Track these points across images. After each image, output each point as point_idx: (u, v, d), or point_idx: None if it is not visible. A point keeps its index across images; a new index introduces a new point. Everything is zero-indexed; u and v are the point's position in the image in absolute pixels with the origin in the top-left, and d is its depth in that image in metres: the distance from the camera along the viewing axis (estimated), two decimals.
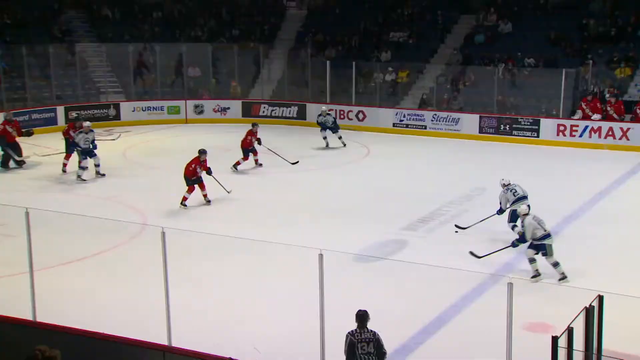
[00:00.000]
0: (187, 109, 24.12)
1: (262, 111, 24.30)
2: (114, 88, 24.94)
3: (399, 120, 22.63)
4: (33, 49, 23.27)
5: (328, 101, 23.71)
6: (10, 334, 7.57)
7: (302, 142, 21.06)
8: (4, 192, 14.89)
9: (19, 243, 8.09)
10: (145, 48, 25.39)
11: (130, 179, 16.40)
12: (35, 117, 21.78)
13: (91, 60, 25.36)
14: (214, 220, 13.13)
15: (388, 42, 25.55)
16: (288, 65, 25.76)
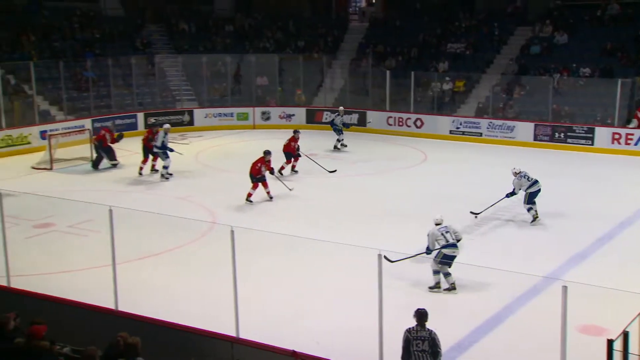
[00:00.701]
0: (254, 115, 24.43)
1: (324, 118, 24.38)
2: (189, 96, 25.49)
3: (455, 128, 22.33)
4: (118, 60, 24.04)
5: (388, 109, 23.62)
6: (94, 321, 7.83)
7: (362, 147, 21.03)
8: (92, 191, 15.40)
9: (103, 238, 8.34)
10: (242, 59, 25.78)
11: (202, 180, 16.70)
12: (118, 123, 22.42)
13: (168, 70, 25.99)
14: (278, 219, 13.24)
15: (446, 53, 25.26)
16: (350, 74, 25.78)
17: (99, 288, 8.93)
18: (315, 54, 26.79)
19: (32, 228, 12.44)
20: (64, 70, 21.87)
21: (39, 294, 8.35)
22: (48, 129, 19.87)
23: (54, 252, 11.38)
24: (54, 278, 10.08)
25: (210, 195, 15.02)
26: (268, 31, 28.40)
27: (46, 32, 24.59)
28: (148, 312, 7.93)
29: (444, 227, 10.04)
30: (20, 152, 19.36)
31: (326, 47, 27.49)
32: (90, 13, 26.82)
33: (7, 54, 22.66)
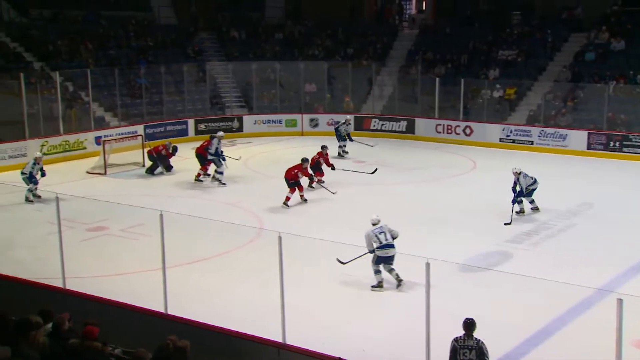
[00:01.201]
0: (303, 122, 24.57)
1: (372, 125, 24.33)
2: (238, 103, 25.82)
3: (505, 136, 21.97)
4: (170, 68, 24.54)
5: (436, 116, 23.42)
6: (145, 323, 7.98)
7: (411, 154, 20.91)
8: (144, 195, 15.75)
9: (154, 242, 8.50)
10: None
11: (250, 186, 16.86)
12: (169, 129, 22.93)
13: (219, 77, 26.38)
14: (325, 226, 13.25)
15: (496, 60, 24.90)
16: (398, 81, 25.66)
17: (149, 291, 9.10)
18: (364, 61, 26.79)
19: (86, 231, 12.78)
20: (118, 78, 22.46)
21: (92, 295, 8.56)
22: (102, 134, 20.42)
23: (106, 255, 11.66)
24: (106, 280, 10.32)
25: (258, 201, 15.15)
26: (317, 38, 28.55)
27: (103, 40, 25.32)
28: (196, 316, 8.04)
29: (379, 228, 10.10)
30: (76, 157, 19.92)
31: (375, 54, 27.46)
32: (144, 22, 27.49)
33: (66, 62, 23.40)
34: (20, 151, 18.69)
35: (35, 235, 12.41)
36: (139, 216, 12.42)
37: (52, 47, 23.68)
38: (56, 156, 19.55)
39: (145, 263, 10.60)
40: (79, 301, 8.45)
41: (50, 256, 10.08)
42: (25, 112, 19.37)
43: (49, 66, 22.67)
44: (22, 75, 19.46)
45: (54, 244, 9.01)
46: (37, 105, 20.29)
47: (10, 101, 19.76)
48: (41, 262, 10.82)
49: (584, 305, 9.26)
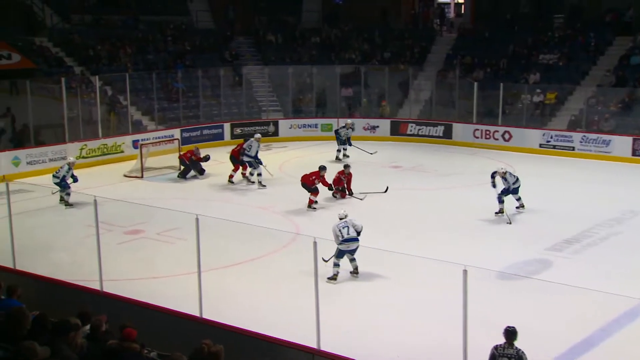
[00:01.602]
0: (339, 126, 24.50)
1: (409, 130, 24.21)
2: (274, 107, 25.95)
3: (545, 141, 21.61)
4: (206, 72, 24.83)
5: (474, 121, 23.19)
6: (180, 327, 8.06)
7: (448, 159, 20.73)
8: (180, 199, 15.93)
9: (189, 246, 8.58)
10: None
11: (285, 190, 16.89)
12: (205, 133, 23.18)
13: (255, 81, 26.57)
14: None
15: (537, 64, 24.53)
16: (436, 86, 25.49)
17: (184, 295, 9.20)
18: (401, 65, 26.68)
19: (123, 234, 12.99)
20: (156, 82, 22.79)
21: (128, 298, 8.68)
22: (140, 138, 20.74)
23: (142, 258, 11.82)
24: (142, 283, 10.46)
25: (293, 206, 15.19)
26: (354, 42, 28.54)
27: (141, 45, 25.76)
28: (231, 320, 8.08)
29: (343, 223, 10.73)
30: (113, 160, 20.27)
31: (412, 58, 27.33)
32: (182, 26, 27.86)
33: (106, 66, 23.88)
34: (60, 154, 19.08)
35: (74, 237, 12.65)
36: (175, 220, 12.56)
37: (92, 52, 24.18)
38: (94, 159, 19.93)
39: (181, 267, 10.72)
40: (116, 304, 8.57)
41: (87, 259, 10.25)
42: (65, 116, 19.83)
43: (89, 71, 23.17)
44: (63, 79, 19.91)
45: (92, 247, 9.16)
46: (77, 109, 20.75)
47: (51, 105, 20.26)
48: (79, 264, 11.03)
49: (629, 317, 9.03)
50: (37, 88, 20.35)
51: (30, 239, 11.91)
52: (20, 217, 12.56)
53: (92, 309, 7.01)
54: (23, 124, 19.60)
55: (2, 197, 12.35)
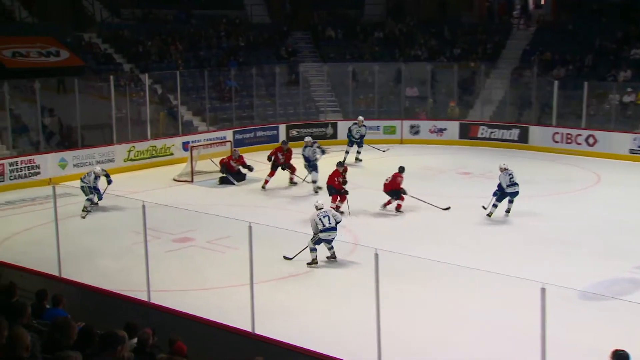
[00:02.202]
0: (402, 129, 24.45)
1: (480, 133, 23.88)
2: (333, 107, 26.04)
3: (637, 147, 20.94)
4: (261, 69, 25.15)
5: (554, 124, 22.69)
6: (230, 342, 8.16)
7: (523, 166, 20.29)
8: (231, 205, 16.14)
9: (241, 255, 8.70)
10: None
11: None
12: (259, 135, 23.43)
13: (313, 80, 26.73)
14: (424, 243, 13.10)
15: (628, 60, 23.78)
16: (511, 85, 25.07)
17: (235, 308, 9.31)
18: (472, 62, 26.36)
19: (171, 242, 13.25)
20: (208, 80, 23.18)
21: (177, 310, 8.84)
22: (190, 140, 21.16)
23: (191, 268, 12.02)
24: (191, 295, 10.63)
25: (351, 215, 15.20)
26: (421, 37, 28.38)
27: (193, 41, 26.29)
28: (285, 336, 8.12)
29: (322, 212, 11.84)
30: (162, 163, 20.69)
31: (485, 54, 26.97)
32: (236, 21, 28.30)
33: (156, 63, 24.47)
34: (108, 156, 19.63)
35: (121, 245, 12.98)
36: (226, 227, 12.73)
37: (141, 48, 24.82)
38: (143, 162, 20.41)
39: (232, 278, 10.86)
40: (163, 316, 8.75)
41: (135, 267, 10.50)
42: (113, 116, 20.36)
43: (138, 68, 23.77)
44: (112, 77, 20.48)
45: (139, 255, 9.39)
46: (125, 109, 21.30)
47: (99, 104, 20.85)
48: (126, 273, 11.30)
49: None
50: (85, 86, 20.98)
51: (75, 245, 12.26)
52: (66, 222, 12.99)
53: (139, 321, 7.17)
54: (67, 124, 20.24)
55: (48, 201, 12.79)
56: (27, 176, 17.94)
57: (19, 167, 17.88)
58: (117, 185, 17.36)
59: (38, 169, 18.21)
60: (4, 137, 19.06)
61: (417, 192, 16.16)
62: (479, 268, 9.49)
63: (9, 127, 18.67)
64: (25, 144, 19.43)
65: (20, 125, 19.70)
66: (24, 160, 18.06)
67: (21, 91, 20.31)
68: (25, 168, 18.00)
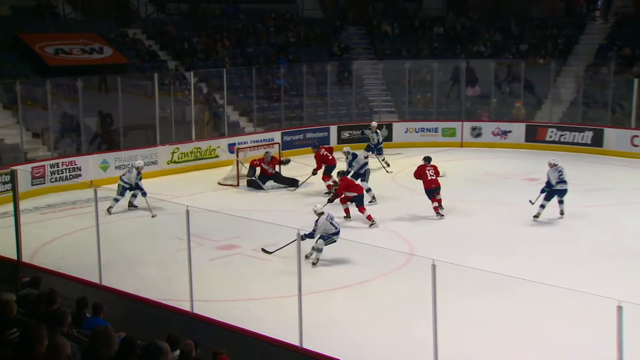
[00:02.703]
0: (463, 131, 24.24)
1: (549, 136, 23.50)
2: (388, 107, 25.99)
3: None
4: (312, 67, 25.28)
5: (633, 126, 22.17)
6: (277, 357, 8.20)
7: (597, 172, 19.92)
8: (278, 211, 16.28)
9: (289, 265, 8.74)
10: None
11: (398, 204, 16.85)
12: (309, 137, 23.52)
13: (367, 78, 26.75)
14: (487, 254, 12.90)
15: None
16: (584, 83, 24.59)
17: (282, 320, 9.37)
18: (541, 59, 25.98)
19: (216, 249, 13.40)
20: (255, 78, 23.39)
21: (221, 322, 8.94)
22: (236, 142, 21.39)
23: (237, 277, 12.14)
24: (236, 306, 10.73)
25: (407, 222, 15.18)
26: (484, 32, 28.10)
27: (241, 37, 26.59)
28: (335, 352, 8.13)
29: (329, 216, 12.60)
30: (207, 166, 20.98)
31: (556, 50, 26.54)
32: (286, 15, 28.51)
33: (202, 60, 24.84)
34: (151, 158, 19.95)
35: (163, 251, 13.19)
36: (274, 234, 12.79)
37: (187, 45, 25.22)
38: (187, 164, 20.73)
39: (279, 288, 10.93)
40: (207, 327, 8.85)
41: (177, 275, 10.66)
42: (157, 116, 20.70)
43: (183, 65, 24.18)
44: (156, 75, 20.84)
45: (182, 262, 9.51)
46: (169, 109, 21.66)
47: (142, 103, 21.26)
48: (168, 281, 11.48)
49: None
50: (128, 85, 21.42)
51: (117, 251, 12.51)
52: (107, 227, 13.27)
53: (182, 332, 7.27)
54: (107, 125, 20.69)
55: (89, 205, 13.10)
56: (68, 178, 18.39)
57: (60, 168, 18.35)
58: (160, 188, 17.69)
59: (79, 171, 18.66)
60: (45, 138, 19.57)
61: (477, 199, 16.01)
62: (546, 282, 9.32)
63: (50, 127, 19.12)
64: (67, 145, 19.89)
65: (63, 126, 20.18)
66: (65, 161, 18.51)
67: (63, 89, 20.84)
68: (67, 170, 18.46)
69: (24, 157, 18.51)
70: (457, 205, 16.29)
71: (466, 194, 17.44)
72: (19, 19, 23.64)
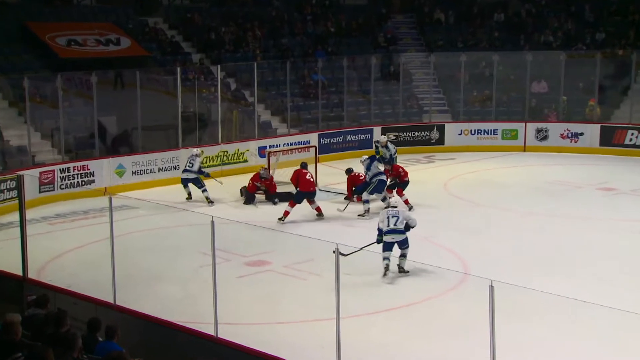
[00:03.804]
0: (526, 133, 24.08)
1: (628, 139, 23.26)
2: (440, 106, 25.92)
3: None
4: (354, 60, 25.32)
5: None
6: None
7: None
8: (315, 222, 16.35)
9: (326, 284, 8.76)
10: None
11: (450, 216, 16.80)
12: (349, 139, 23.55)
13: (416, 73, 26.72)
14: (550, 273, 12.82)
15: None
16: None
17: (317, 346, 9.39)
18: (619, 49, 25.67)
19: (244, 265, 13.49)
20: (290, 73, 23.52)
21: (249, 348, 8.99)
22: (268, 145, 21.54)
23: (266, 297, 12.19)
24: (267, 329, 10.80)
25: (461, 237, 15.12)
26: (554, 20, 27.86)
27: (274, 27, 26.73)
28: None
29: (393, 211, 12.83)
30: (235, 171, 21.09)
31: (638, 39, 26.16)
32: (325, 2, 28.57)
33: (230, 53, 25.01)
34: (172, 162, 20.11)
35: (185, 268, 13.30)
36: (309, 249, 12.86)
37: (214, 35, 25.46)
38: (212, 170, 20.70)
39: (315, 310, 10.96)
40: (233, 353, 8.92)
41: (201, 295, 10.75)
42: (179, 115, 20.90)
43: (209, 59, 24.41)
44: (178, 69, 21.03)
45: (206, 280, 9.57)
46: (193, 107, 21.86)
47: (163, 101, 21.47)
48: (190, 301, 11.58)
49: None
50: (147, 80, 21.62)
51: (133, 267, 12.63)
52: (123, 240, 13.42)
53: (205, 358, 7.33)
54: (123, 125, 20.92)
55: (103, 215, 13.27)
56: (80, 185, 18.61)
57: (71, 174, 18.54)
58: (182, 197, 17.85)
59: (92, 176, 18.84)
60: (55, 139, 19.78)
61: (543, 211, 15.82)
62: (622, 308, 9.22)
63: (61, 127, 19.33)
64: (79, 147, 20.11)
65: (76, 126, 20.40)
66: (76, 166, 18.71)
67: (76, 85, 21.11)
68: (78, 175, 18.66)
69: (31, 160, 18.75)
70: (519, 218, 16.17)
71: (530, 205, 17.30)
72: (27, 6, 24.03)
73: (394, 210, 12.86)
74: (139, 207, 16.60)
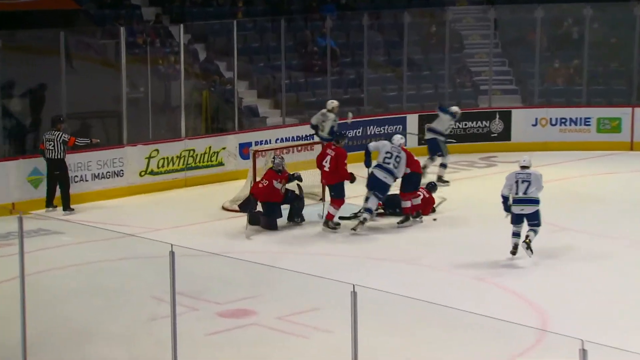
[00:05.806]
0: (634, 123, 24.08)
1: None
2: (504, 84, 25.83)
3: None
4: (378, 18, 25.25)
5: None
6: None
7: None
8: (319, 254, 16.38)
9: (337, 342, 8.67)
10: None
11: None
12: (372, 132, 23.40)
13: (469, 35, 26.66)
14: None
15: None
16: None
17: None
18: None
19: (217, 317, 13.41)
20: (285, 37, 23.42)
21: None
22: (253, 140, 21.58)
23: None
24: None
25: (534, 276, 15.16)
26: None
27: None
28: None
29: (525, 174, 14.32)
30: (205, 179, 21.17)
31: None
32: None
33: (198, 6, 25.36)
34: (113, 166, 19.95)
35: (131, 319, 13.25)
36: (312, 293, 12.80)
37: None
38: (173, 177, 20.85)
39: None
40: None
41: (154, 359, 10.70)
42: (124, 97, 20.83)
43: (167, 15, 24.38)
44: (122, 30, 20.91)
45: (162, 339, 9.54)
46: (144, 85, 21.76)
47: (99, 76, 21.46)
48: None
49: None
50: (77, 44, 21.53)
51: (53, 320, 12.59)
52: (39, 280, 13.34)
53: None
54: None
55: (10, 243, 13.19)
56: None
57: None
58: (127, 215, 17.79)
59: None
60: None
61: None
62: None
63: None
64: None
65: None
66: None
67: None
68: None
69: None
70: (622, 249, 16.09)
71: (637, 229, 17.23)
72: None
73: (525, 173, 13.84)
74: (62, 231, 16.54)
